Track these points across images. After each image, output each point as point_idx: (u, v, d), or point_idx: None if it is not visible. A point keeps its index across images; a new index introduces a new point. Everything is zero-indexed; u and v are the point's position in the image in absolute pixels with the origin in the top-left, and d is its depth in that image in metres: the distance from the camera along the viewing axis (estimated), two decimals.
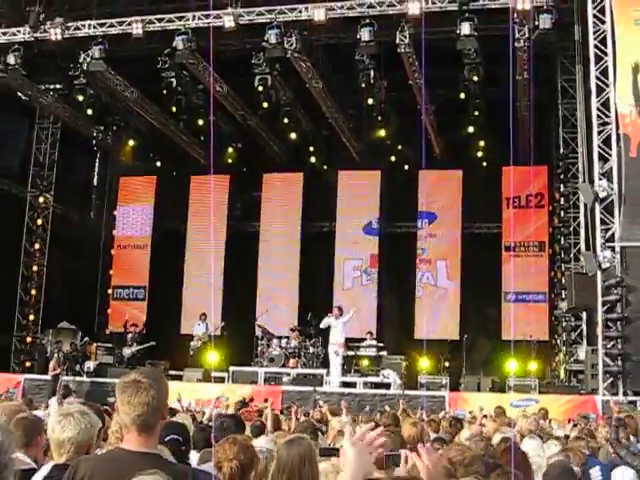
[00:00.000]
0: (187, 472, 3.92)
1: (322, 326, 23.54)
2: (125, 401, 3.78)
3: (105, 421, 6.39)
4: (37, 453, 5.40)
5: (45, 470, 4.65)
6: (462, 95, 25.62)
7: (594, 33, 20.03)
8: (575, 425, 12.96)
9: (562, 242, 27.16)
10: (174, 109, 28.52)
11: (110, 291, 33.65)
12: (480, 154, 29.83)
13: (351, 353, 24.71)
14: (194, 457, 6.84)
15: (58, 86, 28.47)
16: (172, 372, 24.44)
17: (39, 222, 30.91)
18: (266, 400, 15.56)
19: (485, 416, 14.07)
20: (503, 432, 8.94)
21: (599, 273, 19.38)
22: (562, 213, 27.29)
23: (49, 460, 4.91)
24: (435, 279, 30.49)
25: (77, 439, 4.44)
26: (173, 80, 26.14)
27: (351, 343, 24.86)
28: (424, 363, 26.52)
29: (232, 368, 24.19)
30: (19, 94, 28.11)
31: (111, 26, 23.82)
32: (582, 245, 24.27)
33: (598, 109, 19.94)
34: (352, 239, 31.51)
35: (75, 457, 4.19)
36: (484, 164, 30.22)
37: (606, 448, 9.20)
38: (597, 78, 20.04)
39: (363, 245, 31.50)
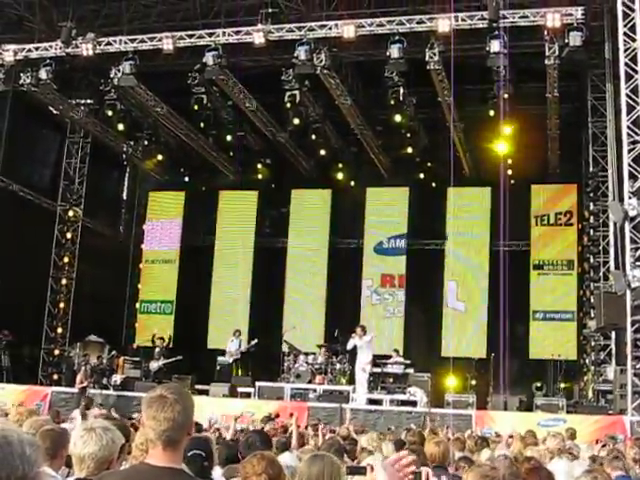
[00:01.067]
0: None
1: (349, 347, 23.42)
2: (151, 416, 3.78)
3: (130, 435, 6.39)
4: (61, 465, 5.42)
5: None
6: (491, 112, 25.47)
7: (625, 51, 19.92)
8: (604, 445, 12.83)
9: (591, 261, 26.98)
10: (203, 124, 28.67)
11: (138, 305, 33.78)
12: (509, 172, 29.71)
13: (377, 370, 24.63)
14: (218, 473, 6.84)
15: (89, 101, 28.74)
16: (198, 386, 24.44)
17: (68, 235, 31.10)
18: (291, 415, 15.54)
19: (511, 436, 13.96)
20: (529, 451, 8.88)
21: (628, 292, 19.22)
22: (591, 231, 27.11)
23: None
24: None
25: (98, 455, 4.45)
26: (203, 96, 26.27)
27: (378, 360, 24.78)
28: (451, 381, 26.39)
29: (258, 383, 24.17)
30: (50, 108, 28.34)
31: (142, 41, 23.95)
32: (611, 264, 24.10)
33: (628, 127, 19.81)
34: (373, 257, 31.54)
35: (95, 473, 4.19)
36: (514, 181, 30.11)
37: (635, 470, 9.11)
38: (627, 96, 19.92)
39: (373, 264, 31.50)
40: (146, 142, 31.10)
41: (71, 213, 31.20)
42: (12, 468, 1.69)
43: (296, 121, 26.76)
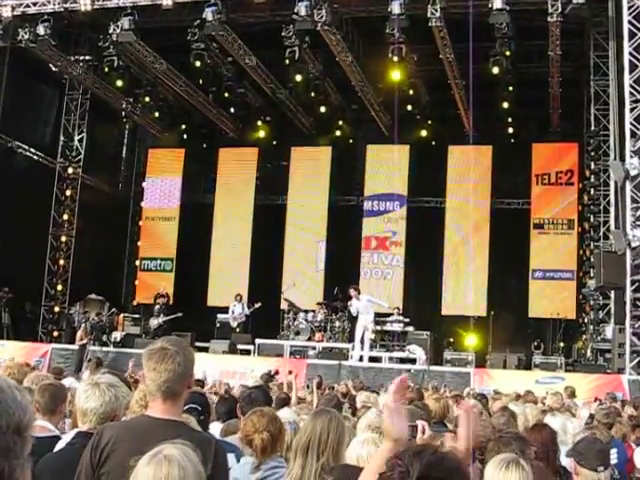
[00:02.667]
0: (210, 441, 3.92)
1: (354, 313, 23.23)
2: (151, 368, 3.79)
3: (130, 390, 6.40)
4: (59, 420, 5.42)
5: (69, 436, 4.68)
6: (494, 70, 25.24)
7: (628, 9, 19.77)
8: (601, 404, 12.88)
9: (591, 220, 26.96)
10: (202, 81, 28.52)
11: (138, 263, 33.81)
12: (511, 130, 29.64)
13: (377, 328, 24.72)
14: (216, 428, 6.86)
15: (88, 57, 28.44)
16: (198, 344, 24.54)
17: (68, 193, 31.01)
18: (290, 373, 15.60)
19: (519, 396, 13.96)
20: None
21: (628, 252, 19.24)
22: (592, 191, 27.05)
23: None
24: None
25: (99, 410, 4.45)
26: (202, 52, 26.05)
27: (378, 318, 24.86)
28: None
29: (258, 341, 24.29)
30: (49, 65, 28.16)
31: None
32: (612, 223, 24.07)
33: (631, 86, 19.72)
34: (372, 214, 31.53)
35: (97, 427, 4.20)
36: (515, 140, 30.07)
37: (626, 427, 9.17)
38: (630, 54, 19.80)
39: (373, 221, 31.57)
40: (145, 99, 30.89)
41: (70, 170, 31.08)
42: (9, 415, 1.67)
43: (297, 78, 26.60)
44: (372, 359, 22.83)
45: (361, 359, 22.19)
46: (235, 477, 5.06)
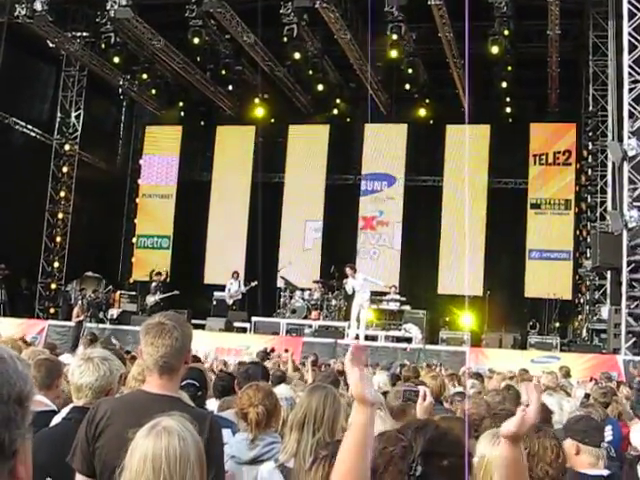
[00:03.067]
0: (206, 416, 3.94)
1: (349, 292, 23.21)
2: (149, 342, 3.80)
3: (126, 365, 6.41)
4: (57, 395, 5.43)
5: (64, 411, 4.69)
6: (493, 50, 25.16)
7: None
8: (596, 383, 12.94)
9: (588, 200, 27.00)
10: (200, 59, 28.43)
11: (135, 240, 33.80)
12: (509, 110, 29.59)
13: (374, 307, 24.76)
14: (213, 405, 6.88)
15: (85, 34, 28.33)
16: (194, 321, 24.55)
17: (65, 170, 30.98)
18: (287, 351, 15.65)
19: (512, 376, 14.02)
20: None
21: (625, 232, 19.26)
22: (589, 171, 27.07)
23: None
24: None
25: (94, 385, 4.45)
26: (200, 29, 25.95)
27: (374, 297, 24.90)
28: (446, 318, 26.57)
29: (254, 318, 24.35)
30: (46, 41, 28.03)
31: None
32: (609, 204, 24.10)
33: (630, 66, 19.68)
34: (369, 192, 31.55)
35: (93, 402, 4.21)
36: (511, 120, 30.02)
37: (626, 408, 9.21)
38: (630, 35, 19.74)
39: (370, 200, 31.58)
40: (143, 76, 30.79)
41: (67, 147, 31.02)
42: (10, 385, 1.68)
43: (295, 56, 26.52)
44: (368, 337, 22.88)
45: (357, 337, 22.20)
46: (232, 454, 5.08)
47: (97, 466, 3.72)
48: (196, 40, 26.06)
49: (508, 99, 29.00)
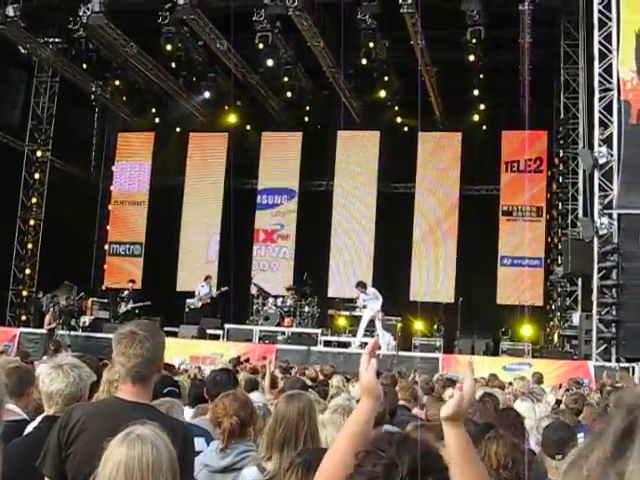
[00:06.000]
0: (178, 424, 3.95)
1: (360, 306, 23.05)
2: (120, 352, 3.81)
3: (101, 373, 6.40)
4: (28, 403, 5.40)
5: (37, 421, 4.67)
6: (466, 58, 25.32)
7: None
8: (567, 390, 13.02)
9: (560, 207, 27.18)
10: (173, 65, 28.34)
11: (107, 247, 33.63)
12: (480, 117, 29.73)
13: (346, 313, 24.79)
14: (187, 413, 6.87)
15: (57, 40, 28.17)
16: (167, 328, 24.43)
17: (37, 176, 30.81)
18: (264, 358, 15.64)
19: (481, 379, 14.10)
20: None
21: (596, 239, 19.43)
22: (560, 178, 27.27)
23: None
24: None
25: (65, 392, 4.45)
26: (173, 36, 25.91)
27: (347, 304, 24.94)
28: (418, 325, 26.62)
29: (227, 325, 24.30)
30: (18, 47, 27.87)
31: None
32: (580, 211, 24.30)
33: (600, 75, 19.87)
34: (351, 200, 31.50)
35: (64, 409, 4.20)
36: (484, 127, 30.16)
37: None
38: (600, 43, 19.94)
39: (344, 204, 31.53)
40: (115, 82, 30.68)
41: (39, 153, 30.86)
42: None
43: (268, 63, 26.56)
44: (341, 344, 22.95)
45: (361, 346, 22.33)
46: (205, 463, 5.08)
47: (68, 472, 3.70)
48: (169, 47, 26.07)
49: (480, 106, 29.12)
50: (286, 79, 28.33)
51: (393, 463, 2.19)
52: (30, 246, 30.44)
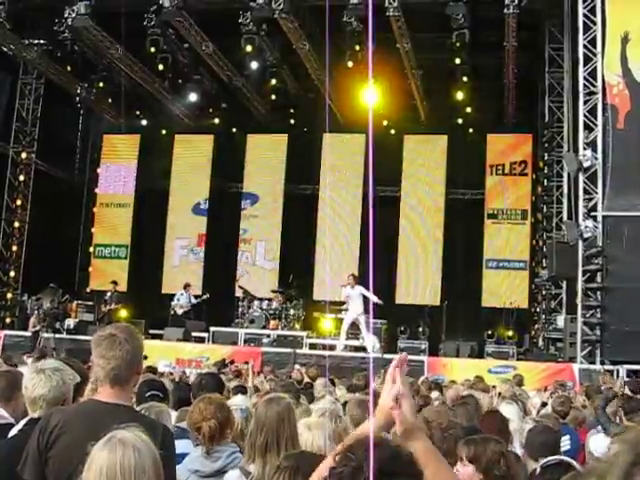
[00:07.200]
0: (159, 425, 3.95)
1: (342, 298, 23.16)
2: (100, 355, 3.81)
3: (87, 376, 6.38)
4: (16, 407, 5.39)
5: (21, 424, 4.67)
6: (452, 61, 25.38)
7: (583, 2, 19.96)
8: (553, 392, 13.06)
9: (544, 211, 27.26)
10: (159, 67, 28.27)
11: (92, 249, 33.51)
12: (465, 121, 29.77)
13: (332, 316, 24.79)
14: (172, 415, 6.86)
15: (42, 41, 28.05)
16: (152, 331, 24.42)
17: (21, 178, 30.71)
18: (247, 362, 15.64)
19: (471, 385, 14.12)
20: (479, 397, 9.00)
21: (580, 242, 19.49)
22: (545, 182, 27.35)
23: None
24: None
25: (48, 396, 4.44)
26: (159, 38, 25.87)
27: (332, 306, 24.95)
28: (403, 328, 26.62)
29: (212, 328, 24.25)
30: (3, 48, 27.76)
31: None
32: (564, 214, 24.36)
33: (585, 78, 19.94)
34: (337, 203, 31.44)
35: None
36: (469, 130, 30.21)
37: (586, 415, 9.30)
38: (585, 47, 20.02)
39: (331, 205, 31.39)
40: (101, 84, 30.60)
41: (24, 155, 30.75)
42: None
43: (253, 65, 26.55)
44: (327, 347, 22.96)
45: (345, 348, 22.37)
46: (194, 469, 5.07)
47: (49, 475, 3.70)
48: (154, 49, 26.00)
49: (465, 110, 29.16)
50: (272, 82, 28.31)
51: (360, 466, 2.22)
52: (15, 248, 30.33)
